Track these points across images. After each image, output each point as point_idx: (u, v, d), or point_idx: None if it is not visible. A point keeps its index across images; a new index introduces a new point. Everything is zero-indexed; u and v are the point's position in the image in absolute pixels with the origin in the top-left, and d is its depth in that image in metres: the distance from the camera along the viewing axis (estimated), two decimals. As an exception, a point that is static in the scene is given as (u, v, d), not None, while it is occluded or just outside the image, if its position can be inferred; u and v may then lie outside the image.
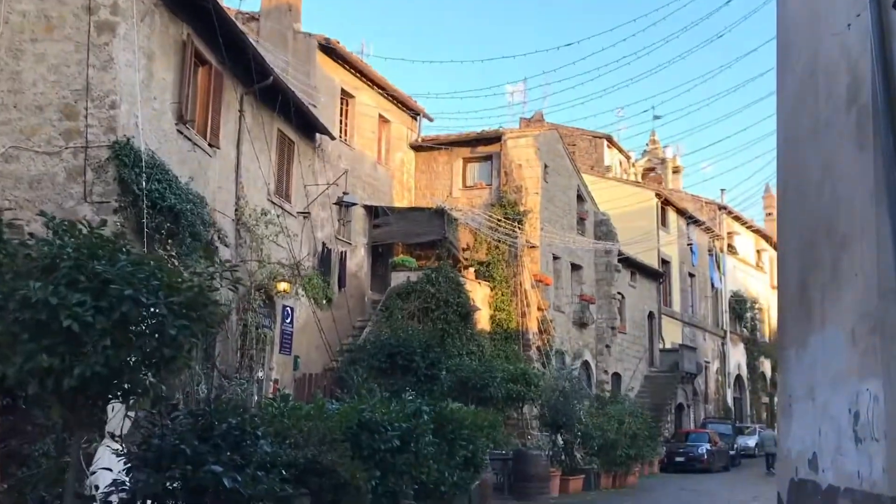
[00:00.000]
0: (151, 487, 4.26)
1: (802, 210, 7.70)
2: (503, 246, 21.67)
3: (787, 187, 8.61)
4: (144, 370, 4.07)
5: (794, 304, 8.04)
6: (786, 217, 8.61)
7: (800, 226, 7.82)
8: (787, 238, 8.49)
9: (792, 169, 8.30)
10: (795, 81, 8.19)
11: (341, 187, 19.43)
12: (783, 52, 8.93)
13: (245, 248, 15.60)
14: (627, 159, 44.61)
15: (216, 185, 14.62)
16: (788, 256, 8.33)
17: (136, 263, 4.12)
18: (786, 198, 8.63)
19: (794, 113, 8.24)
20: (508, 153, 22.49)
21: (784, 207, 8.70)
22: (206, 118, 14.28)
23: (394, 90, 22.82)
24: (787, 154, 8.61)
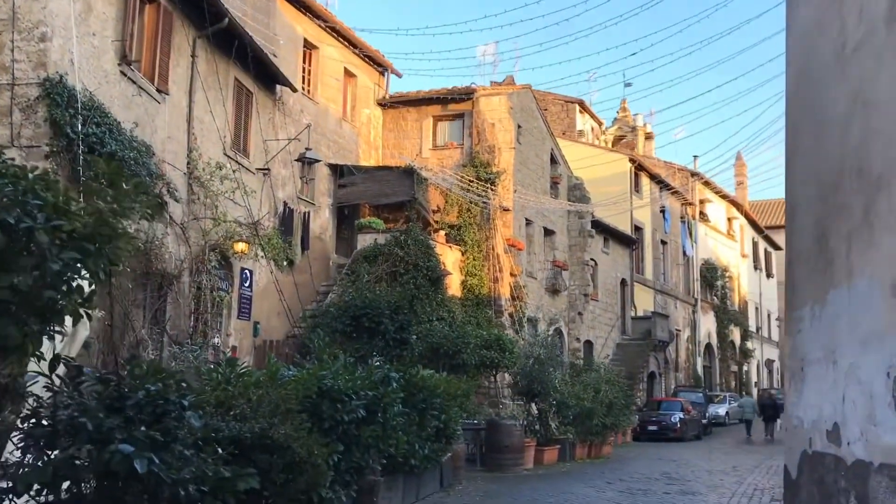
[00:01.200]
0: (38, 474, 3.28)
1: (821, 151, 6.83)
2: (475, 208, 20.71)
3: (798, 130, 7.74)
4: (23, 320, 3.06)
5: (809, 258, 7.21)
6: (797, 163, 7.75)
7: (817, 170, 6.96)
8: (798, 186, 7.64)
9: (806, 107, 7.42)
10: (811, 10, 7.28)
11: (304, 143, 18.27)
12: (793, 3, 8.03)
13: (198, 204, 14.46)
14: (599, 125, 43.82)
15: (165, 134, 13.43)
16: (801, 206, 7.48)
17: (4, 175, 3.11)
18: (797, 142, 7.76)
19: (810, 45, 7.34)
20: (481, 111, 21.44)
21: (795, 153, 7.84)
22: (154, 61, 13.05)
23: (360, 43, 21.60)
24: (800, 92, 7.72)
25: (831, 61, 6.55)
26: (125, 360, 4.24)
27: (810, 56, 7.26)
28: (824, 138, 6.70)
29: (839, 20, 6.35)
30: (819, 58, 6.94)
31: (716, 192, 43.23)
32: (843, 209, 6.10)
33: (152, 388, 3.79)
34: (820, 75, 6.88)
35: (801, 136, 7.50)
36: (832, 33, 6.54)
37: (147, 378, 3.89)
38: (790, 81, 8.06)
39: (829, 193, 6.49)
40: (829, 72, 6.61)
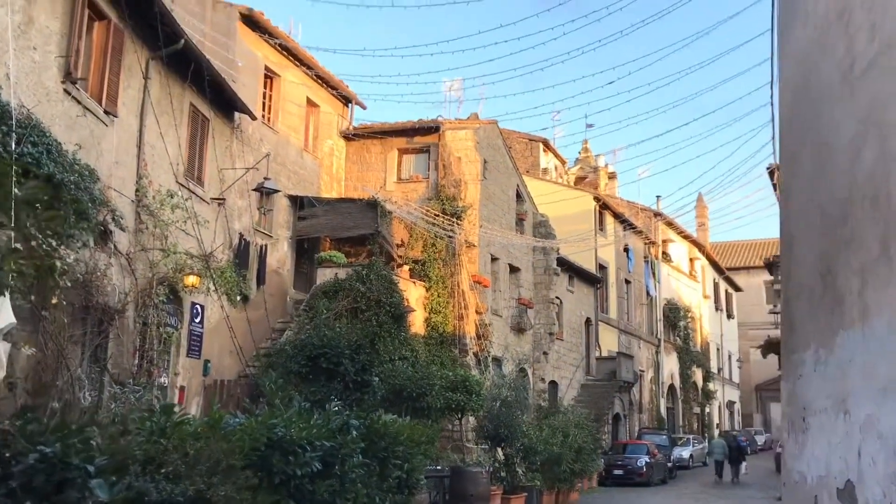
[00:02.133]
0: None
1: (825, 179, 6.28)
2: (440, 243, 20.04)
3: (796, 157, 7.21)
4: None
5: (811, 296, 6.63)
6: (795, 192, 7.21)
7: (820, 199, 6.41)
8: (797, 217, 7.09)
9: (805, 133, 6.90)
10: (810, 31, 6.79)
11: (262, 173, 17.49)
12: (788, 4, 7.57)
13: (147, 234, 13.56)
14: (563, 164, 43.72)
15: (112, 158, 12.57)
16: (801, 239, 6.93)
17: None
18: (795, 170, 7.22)
19: (808, 68, 6.85)
20: (447, 145, 20.89)
21: (792, 182, 7.30)
22: (102, 80, 12.24)
23: (324, 73, 20.99)
24: (797, 117, 7.22)
25: (836, 83, 6.03)
26: (15, 414, 3.41)
27: (809, 78, 6.76)
28: (829, 165, 6.16)
29: (845, 39, 5.84)
30: (820, 80, 6.43)
31: (678, 233, 43.25)
32: (855, 241, 5.53)
33: (49, 450, 3.00)
34: (822, 98, 6.36)
35: (800, 164, 6.98)
36: (837, 54, 6.02)
37: (45, 436, 3.10)
38: (785, 106, 7.56)
39: (836, 224, 5.92)
40: (833, 94, 6.08)
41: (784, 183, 7.35)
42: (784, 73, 7.48)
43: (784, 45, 7.46)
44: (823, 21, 6.40)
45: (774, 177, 16.65)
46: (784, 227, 7.33)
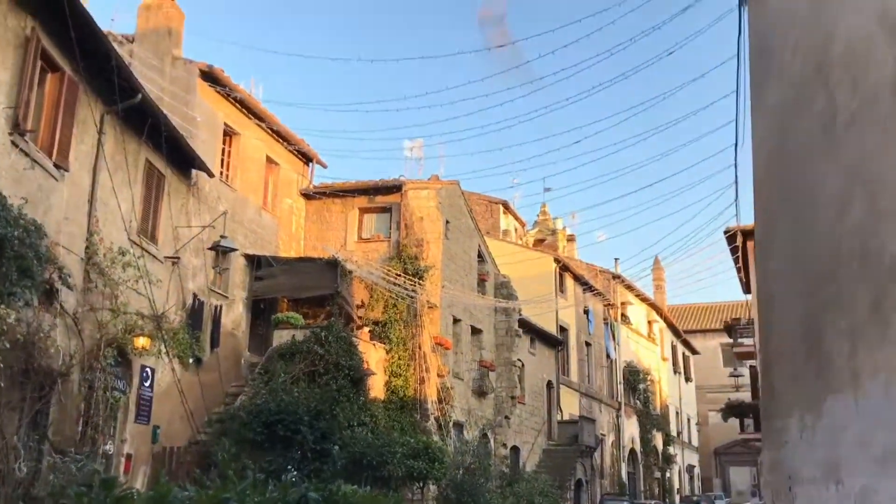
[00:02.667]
0: None
1: (807, 237, 6.10)
2: (401, 304, 19.64)
3: (774, 215, 7.05)
4: None
5: (794, 359, 6.38)
6: (774, 251, 7.03)
7: (803, 258, 6.22)
8: (777, 277, 6.90)
9: (784, 190, 6.76)
10: (785, 88, 6.71)
11: (219, 231, 17.01)
12: (761, 62, 7.51)
13: (96, 293, 12.95)
14: (522, 226, 43.92)
15: (62, 214, 12.05)
16: (781, 299, 6.72)
17: None
18: (773, 229, 7.06)
19: (785, 124, 6.74)
20: (409, 204, 20.68)
21: (771, 240, 7.13)
22: (54, 134, 11.79)
23: (285, 132, 20.77)
24: (774, 174, 7.09)
25: (816, 138, 5.89)
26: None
27: (786, 135, 6.65)
28: (811, 222, 5.98)
29: (825, 93, 5.72)
30: (799, 135, 6.30)
31: (636, 295, 43.42)
32: (843, 301, 5.31)
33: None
34: (802, 154, 6.22)
35: (779, 222, 6.81)
36: (816, 108, 5.90)
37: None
38: (760, 165, 7.44)
39: (821, 284, 5.71)
40: (813, 149, 5.94)
41: (761, 243, 7.19)
42: (758, 132, 7.38)
43: (757, 102, 7.39)
44: (800, 77, 6.30)
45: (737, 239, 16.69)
46: (762, 289, 7.14)
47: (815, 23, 5.99)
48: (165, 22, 17.95)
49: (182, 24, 18.26)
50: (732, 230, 18.87)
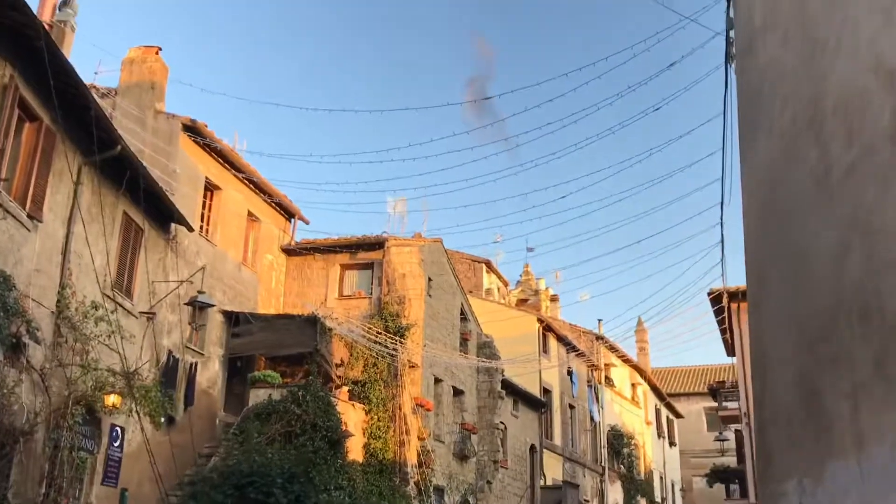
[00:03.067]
0: None
1: (802, 293, 5.89)
2: (382, 363, 19.23)
3: (766, 272, 6.86)
4: None
5: (791, 422, 6.11)
6: (767, 309, 6.81)
7: (798, 315, 6.00)
8: (771, 336, 6.67)
9: (776, 245, 6.59)
10: (775, 141, 6.59)
11: (197, 286, 16.66)
12: (750, 116, 7.42)
13: (66, 348, 12.52)
14: (505, 286, 43.75)
15: (33, 266, 11.70)
16: (776, 359, 6.47)
17: None
18: (765, 286, 6.86)
19: (776, 177, 6.61)
20: (392, 261, 20.45)
21: (763, 298, 6.92)
22: (28, 183, 11.52)
23: (268, 187, 20.60)
24: (765, 229, 6.92)
25: (809, 190, 5.73)
26: None
27: (777, 189, 6.50)
28: (806, 277, 5.78)
29: (818, 145, 5.59)
30: (791, 189, 6.15)
31: (620, 357, 43.08)
32: (843, 360, 5.07)
33: None
34: (794, 208, 6.06)
35: (771, 279, 6.61)
36: (808, 160, 5.76)
37: None
38: (750, 220, 7.28)
39: (819, 341, 5.48)
40: (807, 202, 5.78)
41: (753, 301, 6.99)
42: (747, 187, 7.26)
43: (747, 157, 7.28)
44: (791, 130, 6.19)
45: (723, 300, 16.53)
46: (755, 349, 6.91)
47: (806, 75, 5.89)
48: (149, 76, 17.91)
49: (166, 77, 18.22)
50: (716, 291, 18.75)
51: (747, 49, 7.23)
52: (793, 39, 6.23)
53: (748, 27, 7.18)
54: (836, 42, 5.44)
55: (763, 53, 6.86)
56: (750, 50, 7.22)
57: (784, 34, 6.41)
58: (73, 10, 14.65)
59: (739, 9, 7.47)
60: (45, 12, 14.37)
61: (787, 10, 6.34)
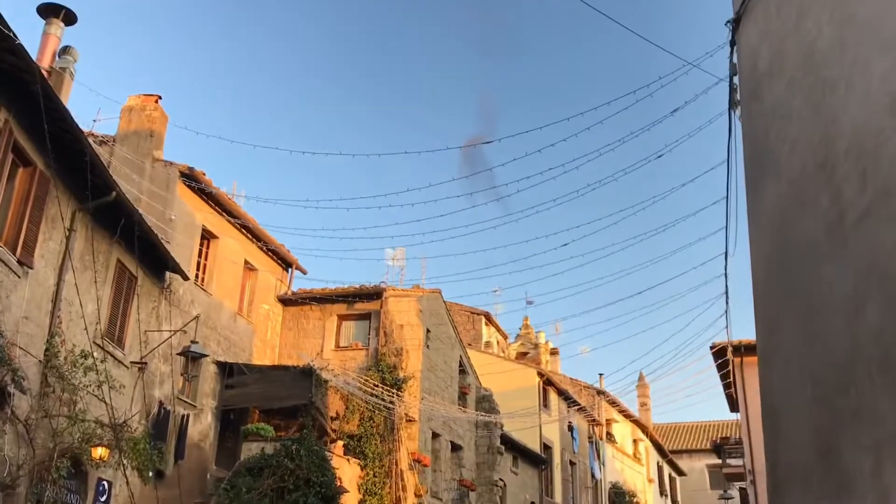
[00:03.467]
0: None
1: (816, 344, 5.63)
2: (378, 417, 18.79)
3: (776, 323, 6.59)
4: None
5: (807, 478, 5.78)
6: (778, 362, 6.54)
7: (812, 367, 5.72)
8: (783, 390, 6.38)
9: (786, 295, 6.33)
10: (784, 187, 6.40)
11: (190, 336, 16.35)
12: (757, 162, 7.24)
13: (53, 398, 12.16)
14: (504, 339, 43.31)
15: (21, 313, 11.42)
16: (790, 415, 6.17)
17: None
18: (776, 338, 6.58)
19: (785, 225, 6.38)
20: (389, 312, 20.16)
21: (774, 351, 6.64)
22: (20, 230, 11.32)
23: (265, 236, 20.42)
24: (775, 279, 6.67)
25: (821, 237, 5.51)
26: None
27: (787, 235, 6.28)
28: (821, 327, 5.52)
29: (830, 191, 5.38)
30: (802, 236, 5.93)
31: (621, 412, 42.43)
32: (863, 413, 4.78)
33: None
34: (806, 255, 5.83)
35: (783, 329, 6.35)
36: (820, 205, 5.55)
37: None
38: (758, 268, 7.05)
39: (836, 394, 5.19)
40: (819, 249, 5.55)
41: (763, 352, 6.72)
42: (755, 235, 7.05)
43: (754, 204, 7.09)
44: (800, 174, 6.00)
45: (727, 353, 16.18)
46: (766, 402, 6.62)
47: (816, 117, 5.73)
48: (148, 124, 17.87)
49: (165, 126, 18.19)
50: (719, 345, 18.40)
51: (753, 94, 7.09)
52: (800, 82, 6.08)
53: (753, 72, 7.06)
54: (846, 83, 5.28)
55: (769, 97, 6.72)
56: (755, 95, 7.08)
57: (791, 77, 6.27)
58: (72, 57, 14.65)
59: (743, 54, 7.35)
60: (45, 59, 14.37)
61: (793, 53, 6.21)
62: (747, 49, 7.26)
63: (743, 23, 7.25)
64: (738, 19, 7.29)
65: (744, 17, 7.18)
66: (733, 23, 7.46)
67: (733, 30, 7.50)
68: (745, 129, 7.40)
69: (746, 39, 7.24)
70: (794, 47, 6.21)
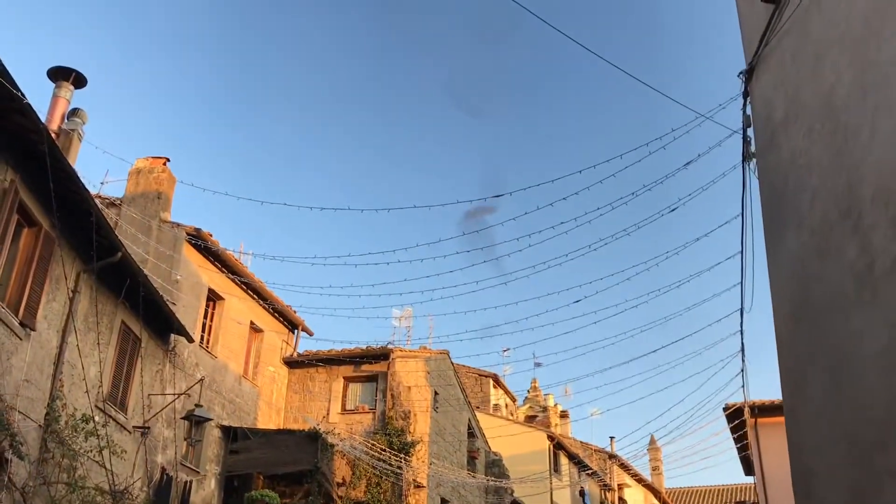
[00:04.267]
0: None
1: (849, 401, 5.35)
2: (385, 483, 18.28)
3: (803, 380, 6.32)
4: None
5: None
6: (807, 420, 6.25)
7: (845, 425, 5.44)
8: (814, 449, 6.07)
9: (814, 350, 6.09)
10: (805, 237, 6.21)
11: (194, 399, 16.03)
12: (775, 213, 7.07)
13: (52, 464, 11.82)
14: (513, 401, 42.67)
15: (22, 376, 11.18)
16: (823, 476, 5.85)
17: None
18: (804, 397, 6.28)
19: (809, 277, 6.16)
20: (397, 373, 19.82)
21: (802, 408, 6.35)
22: (23, 290, 11.16)
23: (272, 298, 20.23)
24: (800, 334, 6.43)
25: (849, 287, 5.29)
26: None
27: (811, 287, 6.06)
28: (852, 382, 5.26)
29: (857, 239, 5.18)
30: (827, 286, 5.71)
31: (633, 477, 41.49)
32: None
33: None
34: (832, 306, 5.61)
35: (810, 385, 6.07)
36: (846, 254, 5.35)
37: None
38: (781, 324, 6.80)
39: (871, 453, 4.90)
40: (846, 300, 5.33)
41: (790, 410, 6.44)
42: (776, 288, 6.83)
43: (774, 256, 6.89)
44: (822, 223, 5.81)
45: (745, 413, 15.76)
46: (795, 461, 6.31)
47: (837, 165, 5.57)
48: (156, 186, 17.88)
49: (172, 188, 18.20)
50: (733, 406, 17.95)
51: (769, 144, 6.96)
52: (819, 130, 5.94)
53: (769, 122, 6.95)
54: (869, 129, 5.12)
55: (786, 147, 6.58)
56: (771, 145, 6.95)
57: (809, 126, 6.14)
58: (81, 119, 14.73)
59: (757, 104, 7.25)
60: (54, 121, 14.44)
61: (810, 101, 6.09)
62: (761, 99, 7.17)
63: (756, 73, 7.17)
64: (752, 70, 7.21)
65: (757, 67, 7.11)
66: (746, 73, 7.38)
67: (746, 81, 7.42)
68: (761, 180, 7.24)
69: (760, 90, 7.15)
70: (812, 95, 6.10)
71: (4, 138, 10.37)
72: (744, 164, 8.19)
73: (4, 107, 9.79)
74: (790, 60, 6.36)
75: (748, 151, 8.04)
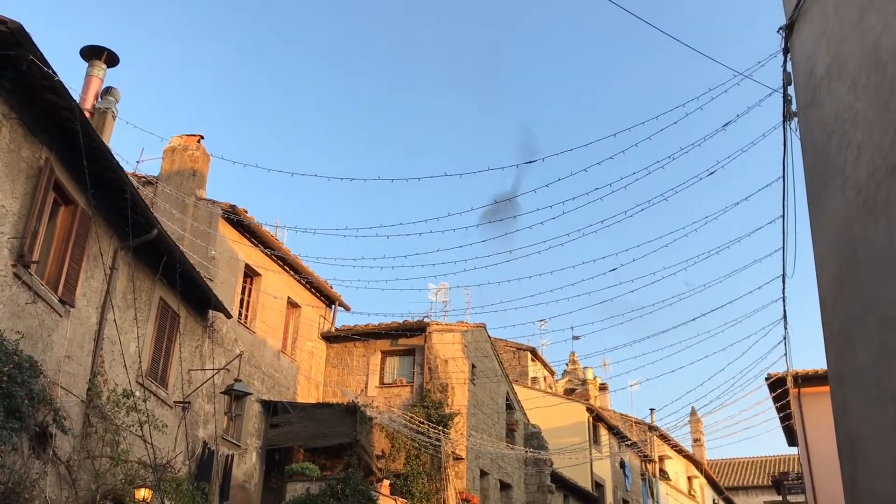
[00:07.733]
0: None
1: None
2: (424, 455, 18.35)
3: (851, 344, 6.09)
4: None
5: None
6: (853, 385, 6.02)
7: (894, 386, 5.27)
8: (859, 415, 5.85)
9: (860, 313, 5.85)
10: (851, 195, 5.95)
11: (234, 374, 16.19)
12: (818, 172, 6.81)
13: (95, 439, 12.02)
14: (552, 374, 42.50)
15: (63, 352, 11.34)
16: (869, 440, 5.67)
17: None
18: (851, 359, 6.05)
19: (857, 235, 5.92)
20: (433, 347, 19.82)
21: (847, 374, 6.11)
22: (62, 267, 11.29)
23: (308, 273, 20.31)
24: (847, 295, 6.20)
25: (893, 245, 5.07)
26: None
27: (857, 248, 5.83)
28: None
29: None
30: (874, 246, 5.47)
31: (674, 448, 41.19)
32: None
33: None
34: (880, 266, 5.38)
35: (857, 348, 5.86)
36: (894, 212, 5.13)
37: None
38: (826, 287, 6.57)
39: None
40: (895, 259, 5.11)
41: (835, 373, 6.24)
42: (821, 250, 6.60)
43: (817, 218, 6.66)
44: (869, 180, 5.56)
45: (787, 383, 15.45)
46: (840, 427, 6.12)
47: (884, 119, 5.31)
48: (191, 163, 17.97)
49: (207, 165, 18.28)
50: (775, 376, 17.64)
51: (811, 101, 6.70)
52: (864, 84, 5.67)
53: (810, 78, 6.67)
54: (918, 79, 4.85)
55: (829, 103, 6.31)
56: (813, 102, 6.69)
57: (853, 79, 5.86)
58: (114, 97, 14.81)
59: (798, 60, 6.97)
60: (88, 100, 14.53)
61: (854, 55, 5.82)
62: (802, 55, 6.88)
63: (797, 28, 6.89)
64: (792, 24, 6.92)
65: (798, 22, 6.82)
66: (786, 29, 7.09)
67: (786, 36, 7.13)
68: (803, 139, 6.98)
69: (801, 45, 6.87)
70: (856, 47, 5.82)
71: (38, 117, 10.44)
72: (784, 124, 7.91)
73: (37, 84, 9.85)
74: (832, 12, 6.08)
75: (789, 110, 7.75)
